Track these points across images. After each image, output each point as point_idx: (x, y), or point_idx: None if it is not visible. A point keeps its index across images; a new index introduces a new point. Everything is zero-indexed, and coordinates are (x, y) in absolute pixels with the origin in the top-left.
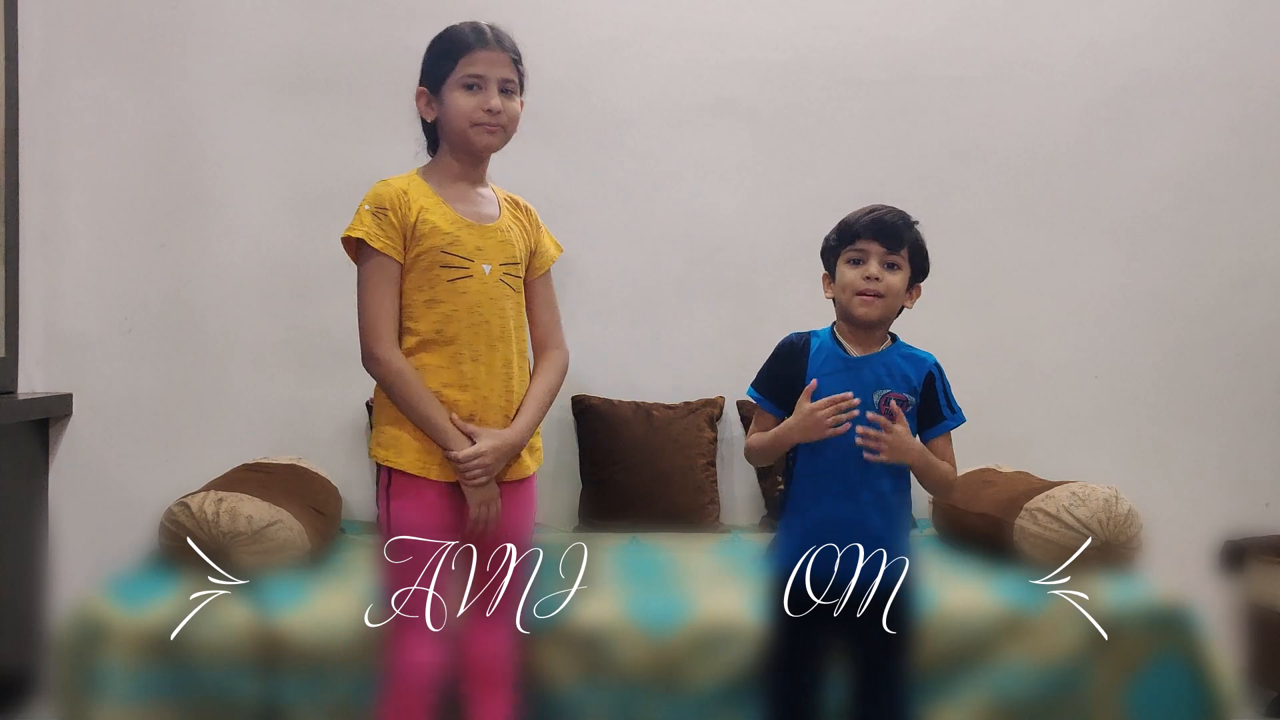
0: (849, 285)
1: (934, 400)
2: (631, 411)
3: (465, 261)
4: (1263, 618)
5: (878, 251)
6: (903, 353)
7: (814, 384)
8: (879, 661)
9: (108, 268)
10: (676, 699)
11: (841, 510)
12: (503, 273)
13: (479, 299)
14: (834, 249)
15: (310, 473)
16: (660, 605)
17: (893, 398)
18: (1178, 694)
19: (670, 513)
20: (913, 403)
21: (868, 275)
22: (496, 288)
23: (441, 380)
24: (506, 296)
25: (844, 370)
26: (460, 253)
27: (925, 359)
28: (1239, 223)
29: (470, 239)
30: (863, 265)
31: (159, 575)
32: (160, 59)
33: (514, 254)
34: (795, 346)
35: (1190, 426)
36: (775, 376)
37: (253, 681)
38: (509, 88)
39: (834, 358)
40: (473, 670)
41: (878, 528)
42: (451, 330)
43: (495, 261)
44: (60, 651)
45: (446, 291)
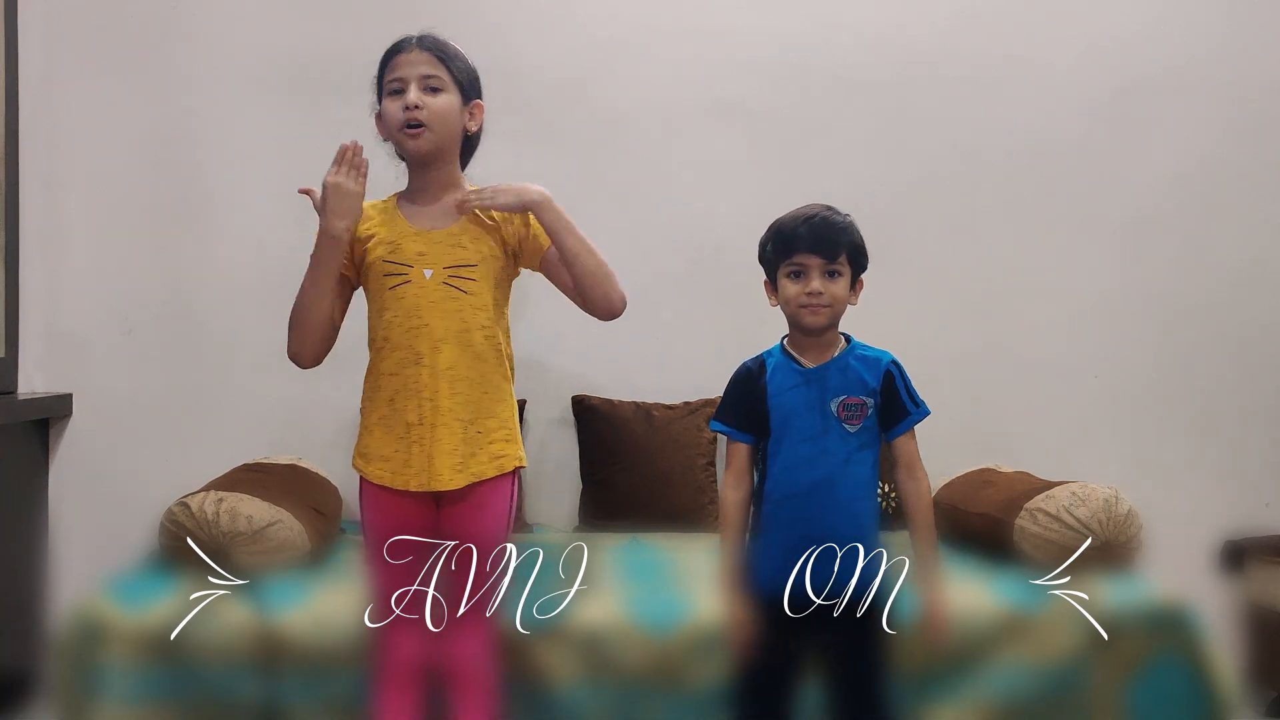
0: (793, 299)
1: (895, 397)
2: (631, 411)
3: (404, 268)
4: (1263, 618)
5: (817, 264)
6: (858, 355)
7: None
8: (859, 670)
9: (108, 268)
10: (676, 699)
11: (814, 529)
12: (447, 275)
13: (417, 303)
14: (772, 260)
15: (310, 473)
16: (660, 605)
17: (849, 401)
18: (1178, 694)
19: (670, 513)
20: (872, 404)
21: (810, 291)
22: (438, 290)
23: (393, 387)
24: (453, 299)
25: (802, 385)
26: (399, 259)
27: (881, 358)
28: (1239, 223)
29: (412, 246)
30: (804, 279)
31: (159, 575)
32: (160, 59)
33: (465, 257)
34: (751, 372)
35: (1190, 426)
36: (736, 407)
37: (253, 681)
38: (433, 84)
39: (790, 373)
40: (447, 673)
41: (850, 538)
42: (395, 335)
43: (439, 265)
44: (60, 651)
45: (390, 299)
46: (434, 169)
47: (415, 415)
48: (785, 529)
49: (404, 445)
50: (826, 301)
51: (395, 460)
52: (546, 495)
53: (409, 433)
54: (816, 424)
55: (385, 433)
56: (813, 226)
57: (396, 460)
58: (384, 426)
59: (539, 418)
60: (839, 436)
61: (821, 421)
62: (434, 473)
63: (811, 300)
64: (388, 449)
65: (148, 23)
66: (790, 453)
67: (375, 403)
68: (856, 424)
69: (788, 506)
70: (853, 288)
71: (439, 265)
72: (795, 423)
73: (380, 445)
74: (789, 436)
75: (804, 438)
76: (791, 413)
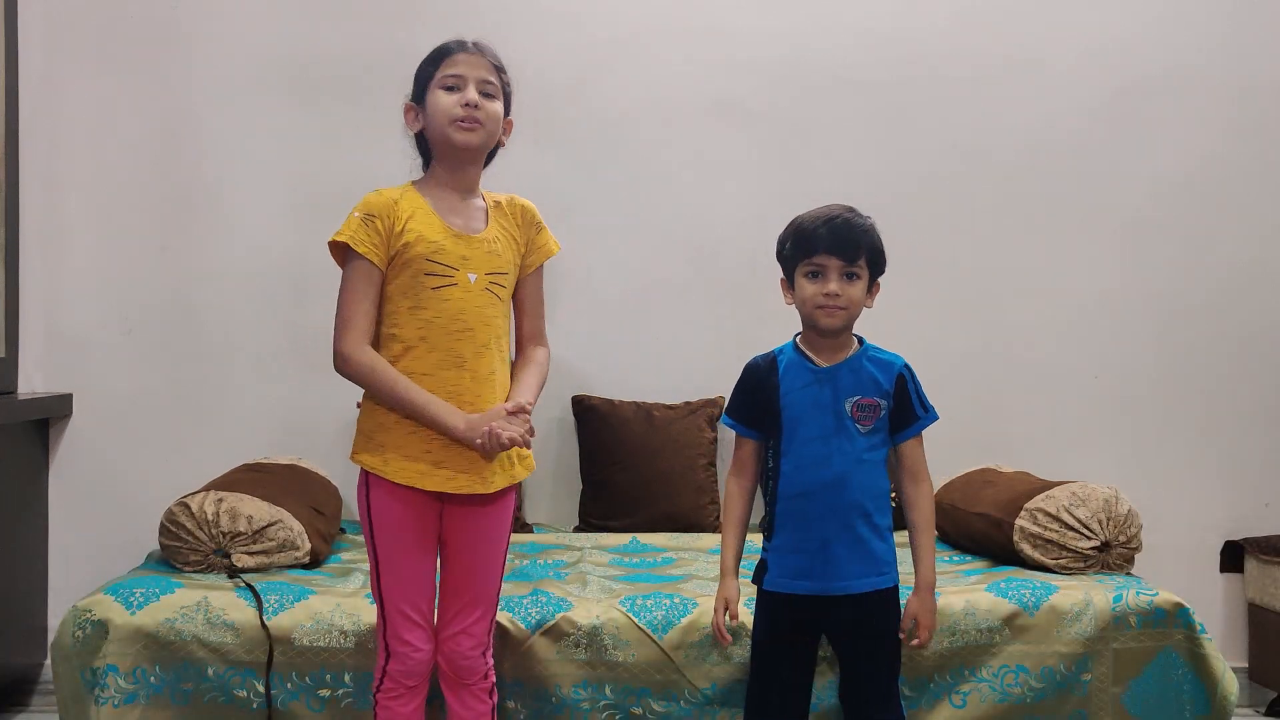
0: (810, 299)
1: (907, 401)
2: (631, 411)
3: (450, 270)
4: (1263, 618)
5: (837, 265)
6: (870, 357)
7: (731, 629)
8: (870, 664)
9: (108, 268)
10: (676, 699)
11: (827, 527)
12: (488, 282)
13: (463, 307)
14: (790, 258)
15: (310, 473)
16: (660, 605)
17: (863, 402)
18: (1178, 694)
19: (670, 513)
20: (885, 405)
21: (828, 292)
22: (481, 297)
23: (426, 387)
24: (491, 305)
25: (814, 383)
26: (445, 261)
27: (894, 361)
28: (1239, 223)
29: (456, 248)
30: (822, 279)
31: (159, 575)
32: (160, 59)
33: (500, 265)
34: (762, 368)
35: (1190, 426)
36: (747, 403)
37: (253, 681)
38: (488, 90)
39: (803, 372)
40: (448, 672)
41: (863, 536)
42: (435, 337)
43: (481, 271)
44: (60, 651)
45: (430, 299)
46: (468, 170)
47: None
48: (798, 527)
49: (437, 447)
50: (843, 303)
51: (426, 461)
52: (546, 495)
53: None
54: (829, 423)
55: (411, 433)
56: (834, 228)
57: (427, 461)
58: (410, 426)
59: (539, 418)
60: (851, 436)
61: (834, 421)
62: (484, 476)
63: (828, 301)
64: (415, 449)
65: (148, 23)
66: (802, 451)
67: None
68: (869, 424)
69: (800, 505)
70: (869, 291)
71: (481, 271)
72: (807, 421)
73: (407, 445)
74: (801, 435)
75: (816, 436)
76: (804, 411)
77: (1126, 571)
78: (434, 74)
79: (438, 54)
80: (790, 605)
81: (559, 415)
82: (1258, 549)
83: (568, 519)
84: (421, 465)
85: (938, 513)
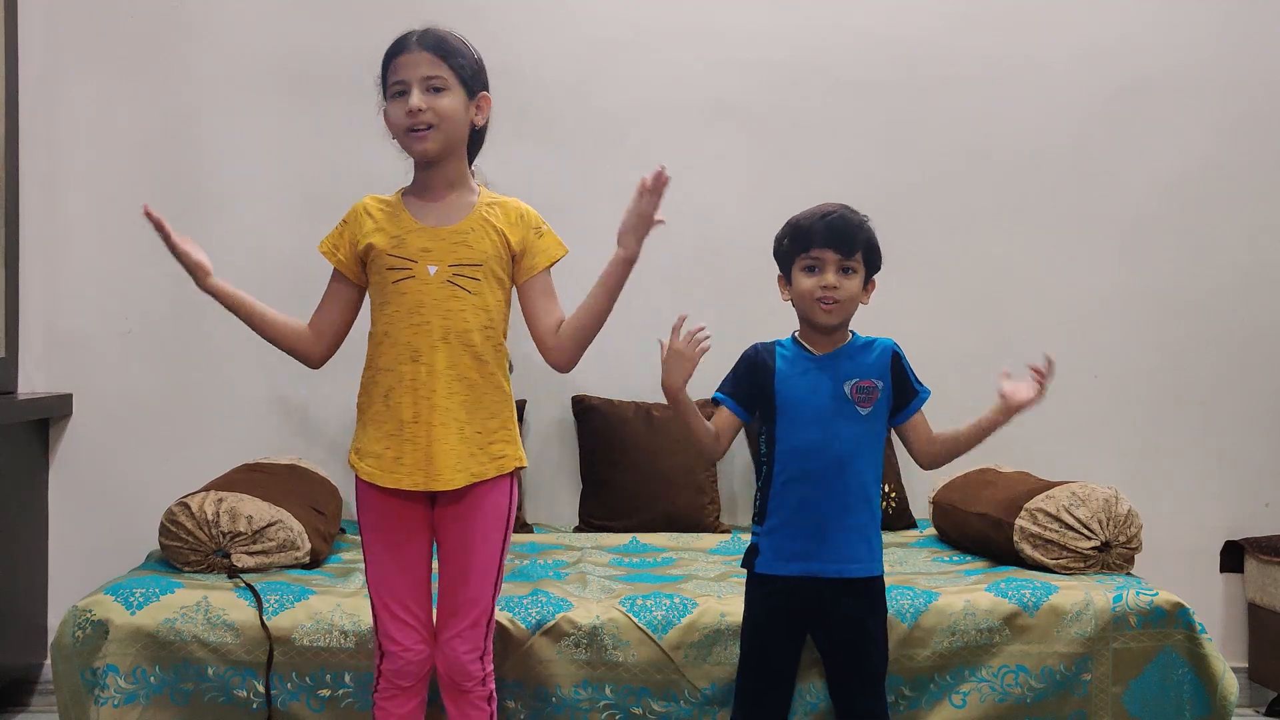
0: (807, 294)
1: (905, 379)
2: (631, 411)
3: (408, 263)
4: (1263, 618)
5: (833, 259)
6: (862, 344)
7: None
8: (859, 647)
9: (108, 268)
10: (676, 699)
11: (822, 511)
12: (452, 274)
13: (420, 299)
14: (787, 254)
15: (310, 473)
16: (660, 605)
17: (862, 384)
18: (1178, 694)
19: (670, 513)
20: (882, 387)
21: (825, 285)
22: (442, 289)
23: (388, 383)
24: (455, 298)
25: (814, 369)
26: (403, 254)
27: (885, 344)
28: (1238, 223)
29: (417, 241)
30: (819, 273)
31: (159, 575)
32: (160, 59)
33: (470, 256)
34: (761, 354)
35: (1190, 426)
36: (741, 383)
37: (253, 682)
38: (436, 84)
39: (801, 359)
40: (446, 673)
41: (857, 520)
42: (396, 331)
43: (444, 263)
44: (60, 651)
45: (392, 293)
46: (441, 167)
47: (410, 413)
48: (795, 510)
49: (396, 443)
50: (840, 296)
51: (386, 457)
52: (546, 495)
53: (402, 430)
54: (827, 406)
55: (377, 429)
56: (830, 223)
57: (387, 457)
58: (376, 423)
59: (539, 418)
60: (850, 419)
61: (833, 404)
62: (433, 472)
63: (826, 294)
64: (378, 445)
65: (148, 22)
66: (799, 436)
67: (370, 398)
68: (868, 406)
69: (798, 488)
70: (865, 287)
71: (444, 262)
72: (805, 406)
73: (372, 441)
74: (798, 420)
75: (813, 420)
76: (803, 396)
77: (1126, 571)
78: (386, 80)
79: (385, 58)
80: (783, 589)
81: (559, 415)
82: (1258, 549)
83: (568, 519)
84: (384, 461)
85: (938, 513)
